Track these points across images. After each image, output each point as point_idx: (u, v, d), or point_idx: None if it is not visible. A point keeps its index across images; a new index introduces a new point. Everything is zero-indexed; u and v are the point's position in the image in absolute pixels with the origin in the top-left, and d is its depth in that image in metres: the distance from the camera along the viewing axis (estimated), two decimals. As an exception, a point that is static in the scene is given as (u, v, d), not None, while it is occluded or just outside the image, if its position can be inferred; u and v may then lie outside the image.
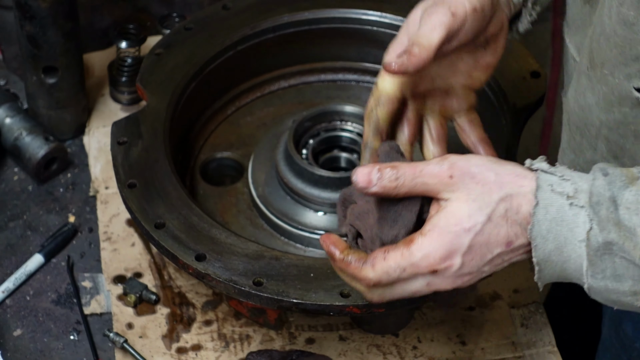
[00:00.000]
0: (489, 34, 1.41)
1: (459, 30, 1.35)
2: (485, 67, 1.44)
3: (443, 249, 1.19)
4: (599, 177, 1.16)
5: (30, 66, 1.85)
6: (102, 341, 1.65)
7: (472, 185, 1.19)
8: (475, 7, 1.35)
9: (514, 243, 1.19)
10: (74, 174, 1.89)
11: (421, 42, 1.33)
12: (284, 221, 1.70)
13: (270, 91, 1.93)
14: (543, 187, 1.17)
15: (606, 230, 1.14)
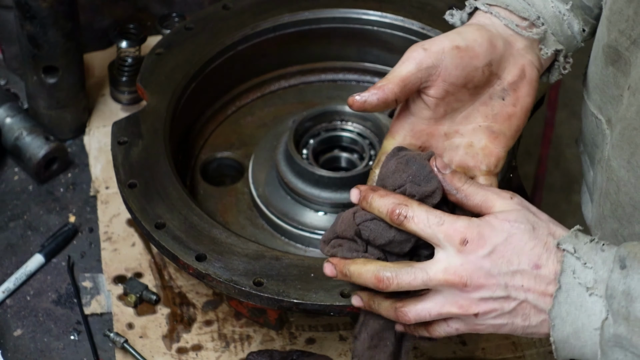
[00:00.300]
0: (506, 82, 1.38)
1: (436, 67, 1.32)
2: (506, 119, 1.39)
3: (483, 228, 1.21)
4: (617, 269, 1.18)
5: (30, 66, 1.85)
6: (103, 341, 1.65)
7: (528, 209, 1.25)
8: (457, 46, 1.33)
9: (541, 269, 1.21)
10: (74, 173, 1.89)
11: (387, 77, 1.32)
12: (284, 221, 1.70)
13: (271, 91, 1.93)
14: (566, 272, 1.20)
15: (617, 323, 1.17)
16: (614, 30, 1.31)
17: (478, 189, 1.26)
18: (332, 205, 1.68)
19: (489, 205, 1.24)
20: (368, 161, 1.73)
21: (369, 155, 1.75)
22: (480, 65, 1.35)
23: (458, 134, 1.38)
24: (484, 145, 1.38)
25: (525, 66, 1.39)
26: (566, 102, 3.71)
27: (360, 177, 1.68)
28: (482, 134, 1.38)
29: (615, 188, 1.34)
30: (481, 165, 1.38)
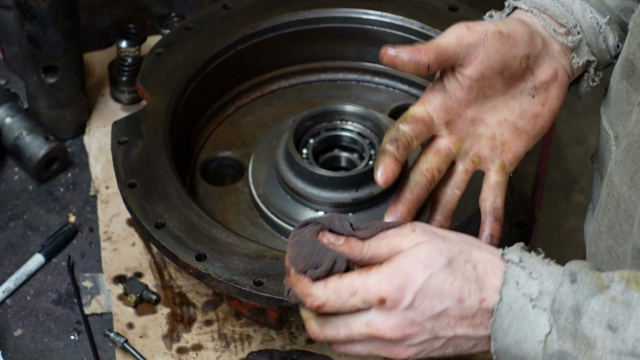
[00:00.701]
0: (539, 80, 1.38)
1: (477, 46, 1.32)
2: (532, 117, 1.39)
3: (397, 279, 1.16)
4: (566, 282, 1.14)
5: (30, 66, 1.85)
6: (103, 341, 1.65)
7: (435, 237, 1.19)
8: (500, 31, 1.33)
9: (465, 301, 1.17)
10: (74, 173, 1.89)
11: (426, 43, 1.32)
12: (284, 221, 1.70)
13: (271, 91, 1.93)
14: (509, 283, 1.16)
15: (562, 340, 1.13)
16: (633, 43, 1.30)
17: (379, 241, 1.21)
18: (332, 205, 1.68)
19: (397, 251, 1.19)
20: (368, 161, 1.73)
21: (369, 154, 1.74)
22: (519, 55, 1.35)
23: (483, 123, 1.38)
24: (505, 140, 1.39)
25: (559, 69, 1.39)
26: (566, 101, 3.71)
27: (360, 177, 1.68)
28: (506, 129, 1.38)
29: (615, 204, 1.32)
30: (497, 160, 1.39)
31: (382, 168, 1.32)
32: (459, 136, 1.38)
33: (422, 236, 1.19)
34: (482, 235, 1.38)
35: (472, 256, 1.18)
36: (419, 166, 1.38)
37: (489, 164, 1.39)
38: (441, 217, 1.40)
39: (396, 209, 1.35)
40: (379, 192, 1.69)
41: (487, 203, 1.39)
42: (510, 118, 1.39)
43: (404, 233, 1.20)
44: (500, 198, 1.39)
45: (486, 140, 1.39)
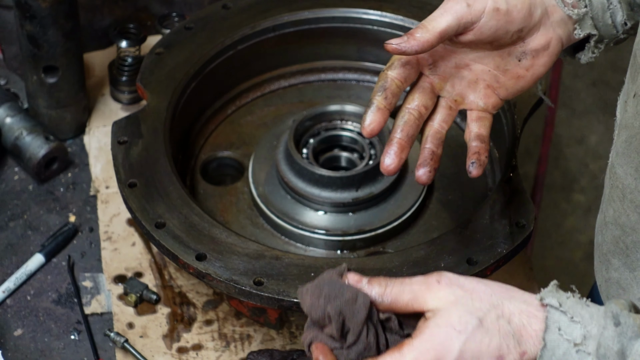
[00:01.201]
0: (529, 47, 1.40)
1: (473, 23, 1.34)
2: (515, 77, 1.41)
3: (434, 352, 1.13)
4: (610, 326, 1.13)
5: (30, 66, 1.85)
6: (103, 341, 1.65)
7: (459, 291, 1.16)
8: (498, 8, 1.35)
9: (505, 358, 1.14)
10: (74, 173, 1.89)
11: (426, 26, 1.33)
12: (284, 220, 1.70)
13: (271, 90, 1.93)
14: (551, 328, 1.14)
15: None
16: (639, 33, 1.31)
17: (403, 287, 1.18)
18: (332, 205, 1.69)
19: (420, 302, 1.16)
20: (368, 160, 1.73)
21: (369, 154, 1.75)
22: (512, 30, 1.37)
23: (467, 68, 1.41)
24: (487, 86, 1.42)
25: (553, 40, 1.41)
26: (566, 101, 3.71)
27: (360, 177, 1.68)
28: (489, 78, 1.41)
29: (620, 195, 1.33)
30: (480, 102, 1.41)
31: (369, 119, 1.35)
32: (442, 76, 1.41)
33: (448, 293, 1.16)
34: (468, 158, 1.39)
35: (505, 310, 1.15)
36: (406, 105, 1.40)
37: (472, 105, 1.42)
38: (432, 145, 1.40)
39: (390, 148, 1.37)
40: (379, 192, 1.69)
41: (471, 133, 1.41)
42: (494, 71, 1.42)
43: (429, 283, 1.17)
44: (484, 129, 1.41)
45: (468, 83, 1.42)
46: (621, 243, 1.34)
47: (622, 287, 1.36)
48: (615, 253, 1.36)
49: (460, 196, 1.76)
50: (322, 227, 1.68)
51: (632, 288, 1.34)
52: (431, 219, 1.73)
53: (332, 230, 1.68)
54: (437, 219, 1.73)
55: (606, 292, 1.41)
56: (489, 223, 1.52)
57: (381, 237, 1.70)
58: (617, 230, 1.35)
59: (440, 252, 1.49)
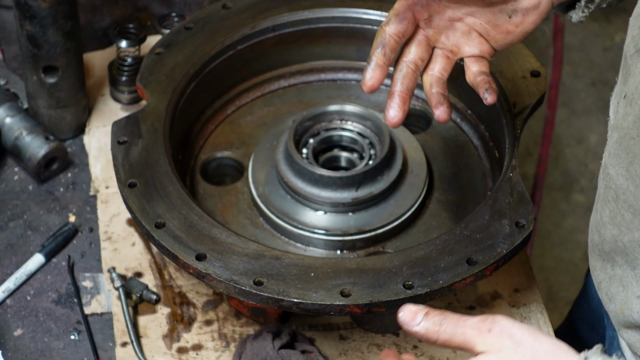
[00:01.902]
0: (520, 6, 1.43)
1: None
2: (504, 32, 1.46)
3: None
4: None
5: (30, 66, 1.85)
6: (103, 341, 1.65)
7: (507, 342, 1.16)
8: None
9: None
10: (74, 173, 1.89)
11: None
12: (284, 220, 1.70)
13: (270, 91, 1.93)
14: None
15: None
16: (630, 35, 1.32)
17: (456, 329, 1.19)
18: (332, 205, 1.68)
19: (470, 346, 1.18)
20: (368, 160, 1.73)
21: (369, 154, 1.75)
22: None
23: (460, 21, 1.47)
24: (479, 36, 1.47)
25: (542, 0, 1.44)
26: (565, 101, 3.71)
27: (360, 177, 1.68)
28: (481, 29, 1.47)
29: (614, 195, 1.34)
30: (475, 50, 1.47)
31: (369, 74, 1.43)
32: (437, 29, 1.47)
33: (496, 341, 1.16)
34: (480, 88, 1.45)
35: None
36: (402, 59, 1.47)
37: (468, 53, 1.48)
38: (439, 88, 1.47)
39: (393, 101, 1.45)
40: (378, 192, 1.69)
41: (474, 72, 1.47)
42: (485, 24, 1.46)
43: (481, 329, 1.18)
44: (485, 67, 1.47)
45: (462, 33, 1.47)
46: (619, 242, 1.35)
47: (622, 284, 1.37)
48: (617, 251, 1.37)
49: (460, 196, 1.76)
50: (322, 227, 1.68)
51: (632, 285, 1.35)
52: (431, 219, 1.73)
53: (332, 230, 1.68)
54: (437, 219, 1.73)
55: (606, 289, 1.41)
56: (489, 223, 1.52)
57: (381, 237, 1.70)
58: (614, 229, 1.36)
59: (440, 252, 1.49)
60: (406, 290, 1.44)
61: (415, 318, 1.19)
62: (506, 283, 1.71)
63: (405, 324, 1.19)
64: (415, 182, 1.73)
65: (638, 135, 1.26)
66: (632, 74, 1.29)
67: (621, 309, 1.37)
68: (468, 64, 1.48)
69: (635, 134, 1.27)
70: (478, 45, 1.48)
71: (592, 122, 3.66)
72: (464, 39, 1.47)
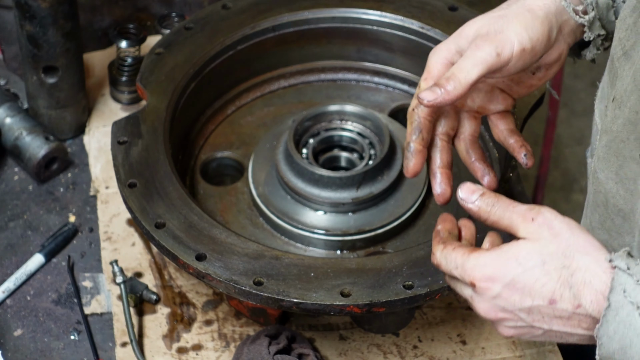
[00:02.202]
0: (543, 63, 1.43)
1: (502, 69, 1.37)
2: (528, 87, 1.47)
3: (489, 269, 1.22)
4: None
5: (30, 66, 1.85)
6: (103, 341, 1.65)
7: (546, 232, 1.22)
8: (524, 48, 1.36)
9: (557, 304, 1.20)
10: (74, 173, 1.89)
11: (457, 77, 1.35)
12: (284, 220, 1.70)
13: (270, 91, 1.93)
14: (616, 289, 1.18)
15: None
16: (616, 37, 1.32)
17: (504, 212, 1.26)
18: (332, 205, 1.68)
19: (514, 230, 1.25)
20: (368, 161, 1.73)
21: (369, 154, 1.74)
22: (534, 61, 1.40)
23: (483, 82, 1.46)
24: (501, 92, 1.47)
25: (564, 50, 1.44)
26: (566, 101, 3.71)
27: (360, 177, 1.68)
28: (503, 86, 1.47)
29: (604, 200, 1.34)
30: (499, 106, 1.47)
31: (412, 163, 1.44)
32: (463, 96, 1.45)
33: (535, 231, 1.23)
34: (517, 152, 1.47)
35: (573, 263, 1.20)
36: (434, 133, 1.47)
37: (493, 110, 1.48)
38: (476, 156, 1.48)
39: (436, 180, 1.46)
40: (378, 192, 1.69)
41: (503, 132, 1.48)
42: (508, 82, 1.46)
43: (526, 217, 1.24)
44: (512, 124, 1.49)
45: (485, 93, 1.47)
46: (609, 247, 1.34)
47: None
48: None
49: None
50: (321, 227, 1.68)
51: None
52: (431, 219, 1.73)
53: (332, 230, 1.68)
54: (437, 219, 1.73)
55: None
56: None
57: (381, 237, 1.70)
58: (604, 234, 1.36)
59: (440, 252, 1.49)
60: (406, 290, 1.44)
61: (471, 196, 1.28)
62: (506, 283, 1.71)
63: (461, 200, 1.28)
64: (415, 182, 1.73)
65: (628, 138, 1.26)
66: (620, 76, 1.29)
67: None
68: (494, 121, 1.48)
69: (625, 137, 1.27)
70: (502, 101, 1.47)
71: (592, 122, 3.65)
72: (488, 97, 1.47)
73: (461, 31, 1.41)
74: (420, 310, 1.67)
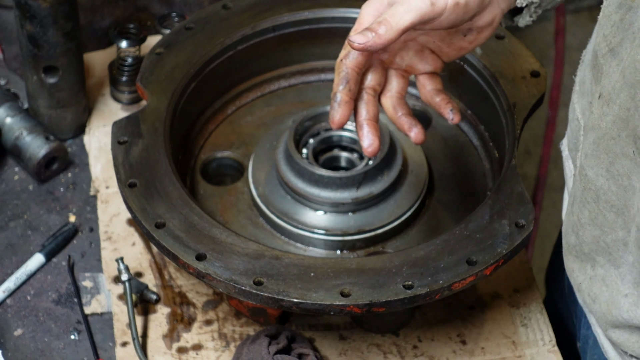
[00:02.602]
0: (475, 25, 1.44)
1: (434, 19, 1.37)
2: (457, 49, 1.48)
3: None
4: None
5: (30, 66, 1.85)
6: (103, 341, 1.65)
7: None
8: (458, 2, 1.37)
9: None
10: (74, 173, 1.89)
11: (389, 22, 1.36)
12: (284, 220, 1.70)
13: (270, 91, 1.93)
14: None
15: None
16: (600, 33, 1.31)
17: None
18: (332, 205, 1.68)
19: None
20: (368, 160, 1.73)
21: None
22: (467, 18, 1.41)
23: (414, 41, 1.48)
24: (431, 52, 1.48)
25: (497, 16, 1.45)
26: (566, 101, 3.70)
27: (360, 177, 1.68)
28: (434, 47, 1.48)
29: (594, 196, 1.33)
30: (428, 67, 1.49)
31: (339, 114, 1.46)
32: (392, 52, 1.48)
33: None
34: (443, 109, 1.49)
35: None
36: (361, 87, 1.48)
37: (421, 70, 1.49)
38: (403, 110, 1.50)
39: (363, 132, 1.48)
40: (378, 192, 1.69)
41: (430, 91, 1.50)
42: (438, 42, 1.48)
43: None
44: (439, 85, 1.50)
45: (415, 52, 1.48)
46: (602, 242, 1.34)
47: (606, 283, 1.37)
48: (598, 251, 1.37)
49: (460, 196, 1.76)
50: (322, 227, 1.68)
51: (617, 284, 1.35)
52: (431, 219, 1.73)
53: (332, 230, 1.68)
54: (437, 219, 1.73)
55: (588, 290, 1.41)
56: (488, 223, 1.52)
57: (381, 237, 1.70)
58: (595, 230, 1.35)
59: (440, 252, 1.49)
60: (406, 290, 1.44)
61: None
62: (506, 283, 1.72)
63: None
64: (415, 182, 1.73)
65: (619, 135, 1.26)
66: (606, 73, 1.28)
67: (608, 309, 1.37)
68: (422, 81, 1.50)
69: (616, 134, 1.26)
70: (431, 62, 1.49)
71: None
72: (417, 57, 1.49)
73: None
74: (420, 310, 1.67)
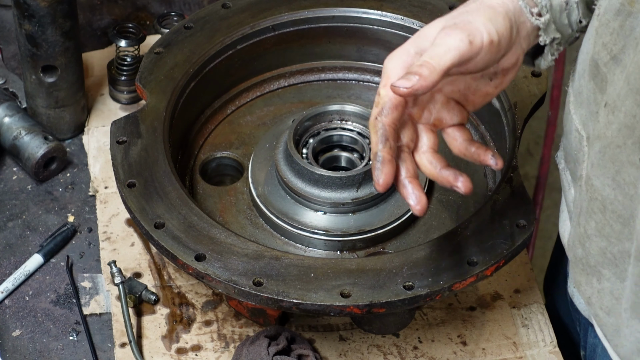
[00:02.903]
0: (500, 67, 1.40)
1: (472, 59, 1.34)
2: (483, 95, 1.43)
3: None
4: None
5: (29, 65, 1.85)
6: (102, 341, 1.64)
7: None
8: (492, 40, 1.34)
9: None
10: (73, 173, 1.88)
11: (430, 63, 1.32)
12: (283, 221, 1.69)
13: (270, 90, 1.93)
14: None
15: None
16: (599, 42, 1.30)
17: None
18: (332, 205, 1.68)
19: None
20: (368, 161, 1.73)
21: (369, 154, 1.74)
22: (498, 58, 1.38)
23: (440, 92, 1.42)
24: (457, 103, 1.44)
25: (520, 56, 1.41)
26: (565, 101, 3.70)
27: (360, 177, 1.67)
28: (459, 97, 1.44)
29: (601, 207, 1.32)
30: (455, 118, 1.43)
31: (383, 175, 1.36)
32: (420, 105, 1.42)
33: None
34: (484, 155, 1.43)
35: None
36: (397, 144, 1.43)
37: (449, 123, 1.44)
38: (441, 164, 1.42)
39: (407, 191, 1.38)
40: (378, 192, 1.68)
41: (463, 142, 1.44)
42: (464, 91, 1.43)
43: None
44: (469, 134, 1.45)
45: (442, 105, 1.43)
46: (608, 254, 1.33)
47: (615, 297, 1.35)
48: (604, 264, 1.35)
49: (460, 196, 1.75)
50: (321, 228, 1.68)
51: (624, 297, 1.33)
52: (431, 219, 1.73)
53: (332, 230, 1.68)
54: (437, 219, 1.72)
55: (599, 303, 1.39)
56: (489, 223, 1.52)
57: (381, 238, 1.69)
58: (602, 241, 1.34)
59: (440, 253, 1.49)
60: (406, 291, 1.44)
61: None
62: (507, 284, 1.71)
63: None
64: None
65: (625, 143, 1.24)
66: (611, 81, 1.27)
67: None
68: (452, 134, 1.44)
69: (622, 142, 1.25)
70: (458, 113, 1.43)
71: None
72: (444, 109, 1.43)
73: (420, 33, 1.39)
74: (421, 311, 1.67)
